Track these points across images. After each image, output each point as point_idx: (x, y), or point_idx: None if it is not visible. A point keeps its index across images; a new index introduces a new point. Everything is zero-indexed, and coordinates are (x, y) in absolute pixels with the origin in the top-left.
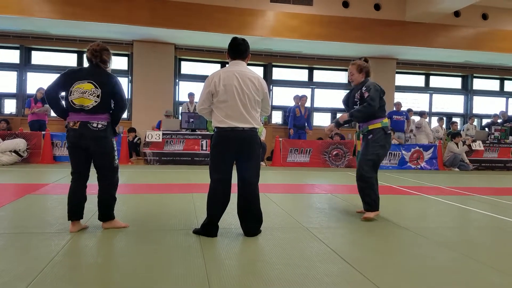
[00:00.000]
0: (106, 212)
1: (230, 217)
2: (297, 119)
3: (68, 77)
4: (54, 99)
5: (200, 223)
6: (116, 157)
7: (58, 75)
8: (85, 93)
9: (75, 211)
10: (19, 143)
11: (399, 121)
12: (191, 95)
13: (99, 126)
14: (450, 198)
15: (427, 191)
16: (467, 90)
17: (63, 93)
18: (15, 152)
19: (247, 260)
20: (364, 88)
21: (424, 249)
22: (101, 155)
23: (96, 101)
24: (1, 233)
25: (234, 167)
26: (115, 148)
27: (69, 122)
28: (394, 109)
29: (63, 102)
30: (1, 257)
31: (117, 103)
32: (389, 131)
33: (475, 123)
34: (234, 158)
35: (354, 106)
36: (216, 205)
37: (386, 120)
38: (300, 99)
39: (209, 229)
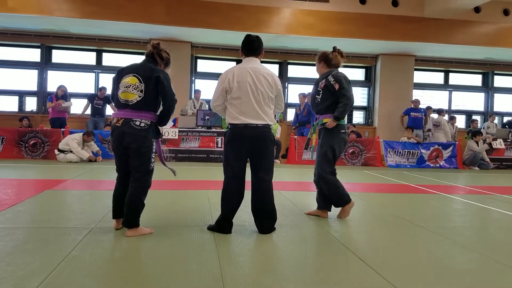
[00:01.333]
0: (132, 218)
1: (244, 214)
2: (299, 117)
3: (119, 74)
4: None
5: (215, 220)
6: (152, 159)
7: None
8: (129, 87)
9: (119, 210)
10: (82, 153)
11: (417, 118)
12: (197, 92)
13: (142, 124)
14: (469, 197)
15: (446, 190)
16: (487, 87)
17: None
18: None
19: (261, 257)
20: (332, 79)
21: (442, 248)
22: (138, 155)
23: (140, 96)
24: (20, 227)
25: (248, 164)
26: (154, 150)
27: (113, 119)
28: (412, 106)
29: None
30: (19, 251)
31: (163, 98)
32: (345, 130)
33: (495, 121)
34: (247, 154)
35: (316, 96)
36: (230, 202)
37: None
38: (300, 97)
39: (223, 225)
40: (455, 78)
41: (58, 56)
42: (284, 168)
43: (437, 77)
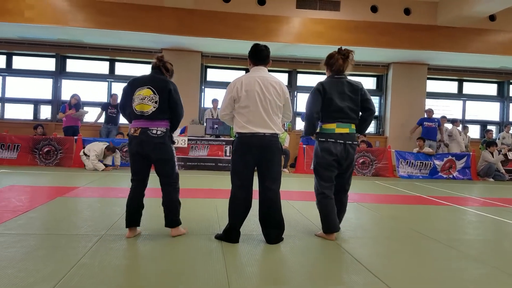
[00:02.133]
0: (174, 217)
1: (252, 224)
2: None
3: (131, 86)
4: (124, 111)
5: (222, 229)
6: (176, 163)
7: (124, 87)
8: (144, 99)
9: (133, 218)
10: (97, 166)
11: (431, 128)
12: (215, 101)
13: (158, 132)
14: (483, 210)
15: (459, 201)
16: (503, 97)
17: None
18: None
19: (269, 268)
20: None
21: (455, 262)
22: (162, 162)
23: (154, 107)
24: (32, 234)
25: (256, 174)
26: (175, 155)
27: (130, 129)
28: (426, 116)
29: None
30: (30, 257)
31: (172, 110)
32: (325, 139)
33: (511, 131)
34: (255, 163)
35: None
36: (238, 211)
37: (327, 126)
38: None
39: (230, 235)
40: (469, 88)
41: (72, 65)
42: (293, 177)
43: (451, 86)
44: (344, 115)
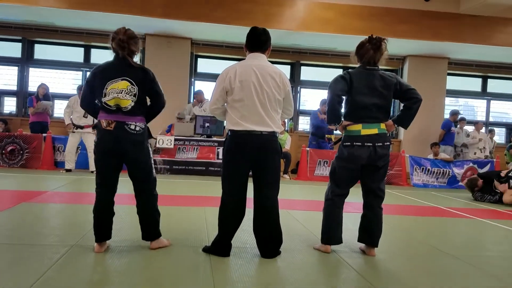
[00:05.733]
0: (154, 230)
1: (246, 235)
2: (320, 125)
3: (98, 77)
4: (91, 108)
5: (211, 241)
6: (153, 167)
7: (86, 80)
8: (120, 92)
9: (104, 231)
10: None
11: (453, 133)
12: (198, 94)
13: (137, 128)
14: (508, 223)
15: (481, 214)
16: None
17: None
18: None
19: (262, 286)
20: None
21: (475, 281)
22: (139, 164)
23: (133, 101)
24: None
25: (251, 179)
26: (152, 156)
27: (102, 121)
28: (450, 119)
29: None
30: None
31: (155, 99)
32: (354, 143)
33: None
34: (249, 166)
35: None
36: (229, 220)
37: (352, 127)
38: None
39: (220, 247)
40: (495, 85)
41: (41, 51)
42: (294, 184)
43: (474, 84)
44: (370, 114)
